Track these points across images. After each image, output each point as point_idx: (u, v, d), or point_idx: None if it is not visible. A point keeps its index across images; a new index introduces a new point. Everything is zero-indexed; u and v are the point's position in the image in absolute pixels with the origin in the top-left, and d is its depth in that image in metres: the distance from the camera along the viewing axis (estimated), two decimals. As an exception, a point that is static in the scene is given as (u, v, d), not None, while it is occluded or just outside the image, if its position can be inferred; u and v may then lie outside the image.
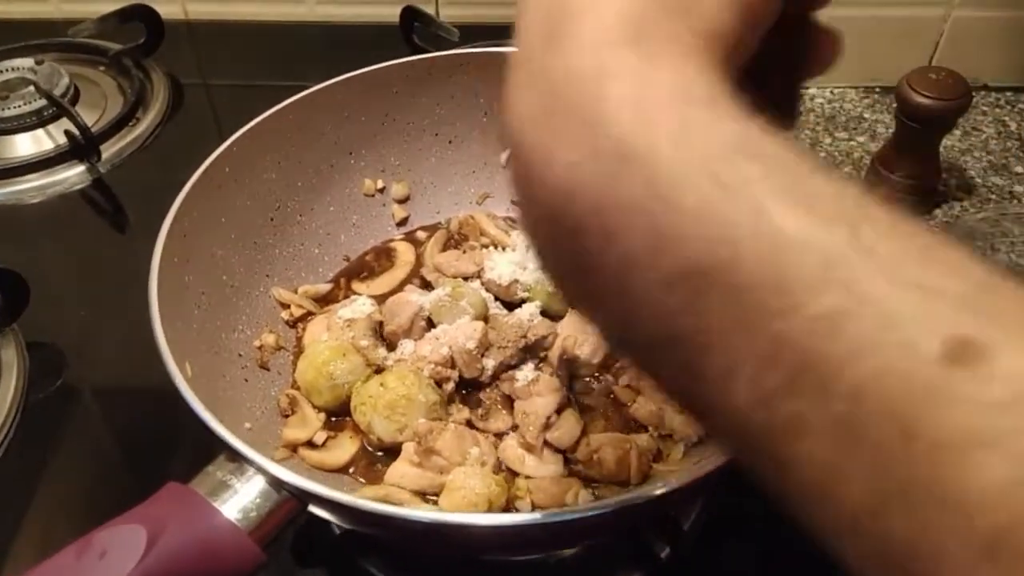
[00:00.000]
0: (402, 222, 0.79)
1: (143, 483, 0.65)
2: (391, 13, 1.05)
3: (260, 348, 0.66)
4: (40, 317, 0.75)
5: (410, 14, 1.02)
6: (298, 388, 0.64)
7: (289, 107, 0.69)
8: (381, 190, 0.78)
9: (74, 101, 1.00)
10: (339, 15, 1.15)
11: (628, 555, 0.59)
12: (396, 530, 0.47)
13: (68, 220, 0.91)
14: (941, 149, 0.90)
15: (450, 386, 0.63)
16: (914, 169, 0.89)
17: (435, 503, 0.56)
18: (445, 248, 0.76)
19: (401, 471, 0.58)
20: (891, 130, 0.90)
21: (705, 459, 0.43)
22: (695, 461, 0.57)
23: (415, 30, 1.02)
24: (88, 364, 0.76)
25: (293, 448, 0.61)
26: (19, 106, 0.96)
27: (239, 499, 0.44)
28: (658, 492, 0.42)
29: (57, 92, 0.97)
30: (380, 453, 0.61)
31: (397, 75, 0.74)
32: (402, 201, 0.79)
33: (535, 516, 0.42)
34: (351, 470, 0.61)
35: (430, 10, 1.09)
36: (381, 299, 0.70)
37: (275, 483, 0.45)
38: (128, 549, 0.40)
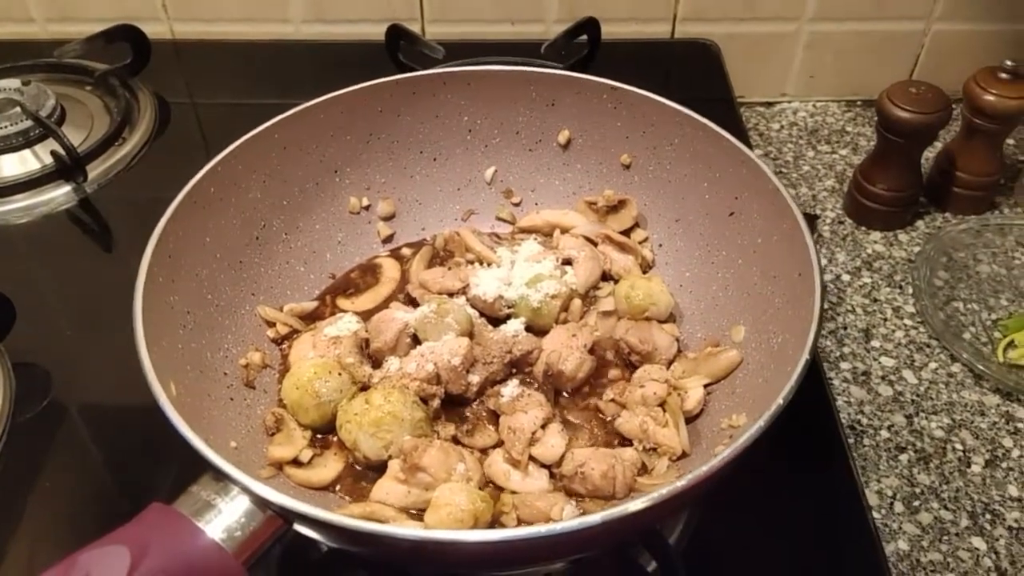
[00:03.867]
0: (387, 239, 0.79)
1: (130, 501, 0.66)
2: (377, 31, 1.05)
3: (246, 367, 0.66)
4: (26, 338, 0.75)
5: (396, 32, 1.03)
6: (284, 406, 0.64)
7: (274, 126, 0.70)
8: (367, 207, 0.78)
9: (60, 121, 1.00)
10: (325, 34, 1.16)
11: (615, 569, 0.59)
12: (382, 548, 0.47)
13: (54, 240, 0.91)
14: (922, 161, 0.91)
15: (436, 403, 0.63)
16: (896, 181, 0.89)
17: (421, 520, 0.56)
18: (430, 265, 0.76)
19: (386, 488, 0.58)
20: (873, 143, 0.92)
21: (690, 473, 0.44)
22: (679, 475, 0.57)
23: (401, 48, 1.03)
24: (74, 384, 0.76)
25: (279, 466, 0.61)
26: (5, 127, 0.96)
27: (223, 519, 0.44)
28: (643, 506, 0.42)
29: (43, 113, 0.98)
30: (366, 471, 0.61)
31: (381, 94, 0.74)
32: (387, 219, 0.79)
33: (520, 532, 0.42)
34: (336, 488, 0.61)
35: (416, 28, 1.09)
36: (366, 316, 0.71)
37: (260, 502, 0.45)
38: (111, 570, 0.40)
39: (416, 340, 0.67)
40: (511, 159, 0.79)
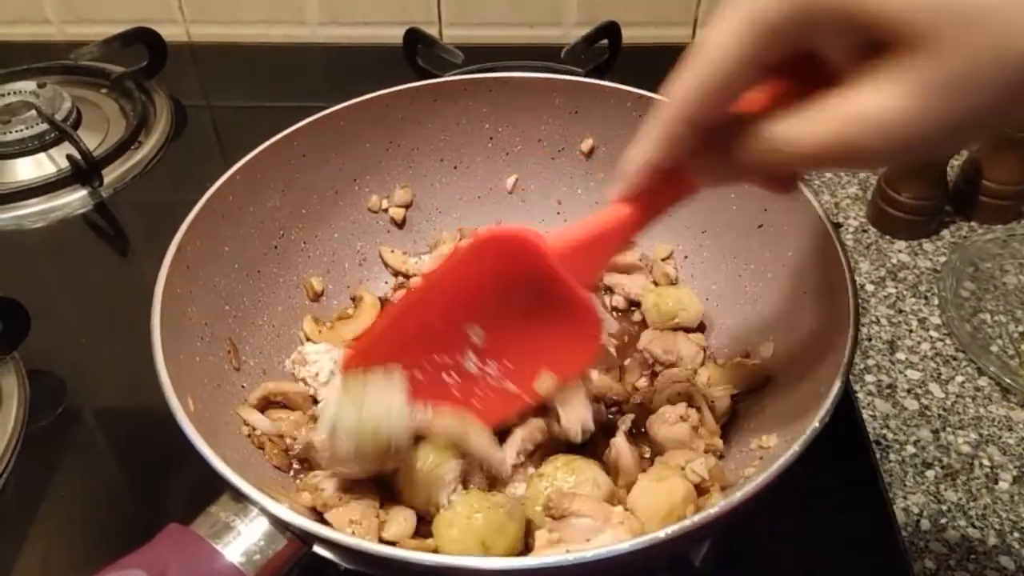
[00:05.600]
0: (400, 223, 0.78)
1: (145, 512, 0.65)
2: (394, 35, 1.05)
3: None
4: (41, 345, 0.75)
5: (413, 36, 1.02)
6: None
7: (293, 134, 0.69)
8: (386, 210, 0.77)
9: (76, 125, 1.00)
10: (341, 36, 1.15)
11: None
12: (402, 573, 0.46)
13: (70, 245, 0.90)
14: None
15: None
16: (921, 189, 0.88)
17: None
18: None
19: None
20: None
21: (723, 499, 0.43)
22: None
23: (419, 52, 1.02)
24: (89, 392, 0.75)
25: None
26: (21, 130, 0.96)
27: (242, 541, 0.44)
28: (674, 534, 0.41)
29: (59, 116, 0.97)
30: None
31: (402, 101, 0.73)
32: (400, 225, 0.79)
33: (546, 560, 0.41)
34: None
35: (433, 31, 1.08)
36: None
37: (279, 524, 0.44)
38: (129, 596, 0.39)
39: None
40: (533, 167, 0.78)
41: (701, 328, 0.71)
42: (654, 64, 1.08)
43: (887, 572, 0.61)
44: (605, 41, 1.01)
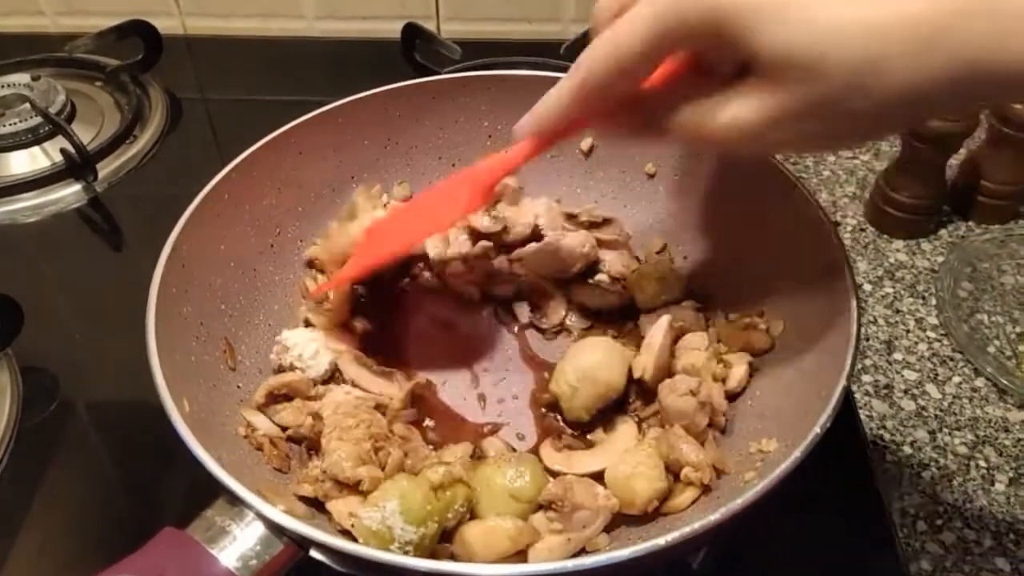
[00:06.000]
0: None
1: (139, 511, 0.65)
2: (392, 29, 1.04)
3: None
4: (34, 341, 0.74)
5: (411, 31, 1.01)
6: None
7: (290, 131, 0.68)
8: (385, 206, 0.76)
9: (70, 118, 0.99)
10: (339, 30, 1.14)
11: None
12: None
13: (64, 240, 0.89)
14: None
15: None
16: (920, 189, 0.88)
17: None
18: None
19: (548, 548, 0.53)
20: (896, 149, 0.90)
21: (723, 506, 0.42)
22: (707, 499, 0.56)
23: (416, 47, 1.02)
24: (83, 388, 0.75)
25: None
26: (14, 123, 0.95)
27: (238, 546, 0.43)
28: (674, 541, 0.41)
29: (53, 109, 0.96)
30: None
31: (400, 98, 0.73)
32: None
33: (543, 567, 0.40)
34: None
35: (431, 26, 1.08)
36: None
37: (275, 529, 0.44)
38: (124, 601, 0.39)
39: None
40: (531, 166, 0.77)
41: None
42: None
43: (883, 574, 0.60)
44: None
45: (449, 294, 0.72)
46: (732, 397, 0.62)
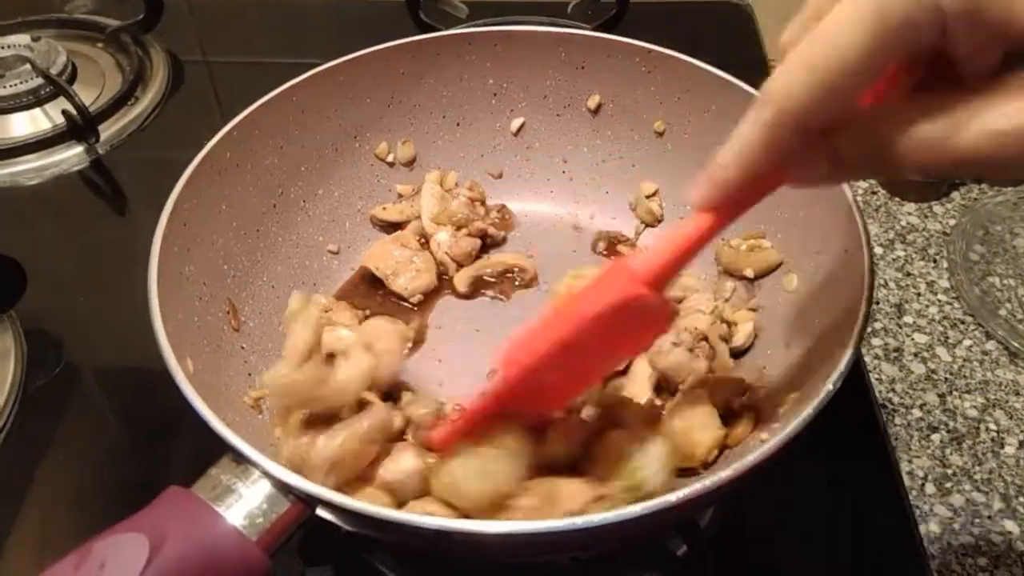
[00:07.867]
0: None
1: (144, 473, 0.65)
2: (397, -12, 1.02)
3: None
4: (38, 303, 0.74)
5: (416, -10, 1.00)
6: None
7: (291, 89, 0.67)
8: (391, 165, 0.76)
9: (72, 79, 0.98)
10: (343, -10, 1.12)
11: (645, 553, 0.58)
12: (408, 536, 0.45)
13: (66, 202, 0.89)
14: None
15: None
16: (933, 151, 0.86)
17: None
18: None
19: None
20: (909, 111, 0.88)
21: (736, 461, 0.42)
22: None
23: (421, 6, 1.00)
24: (87, 351, 0.74)
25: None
26: (15, 85, 0.94)
27: (244, 504, 0.43)
28: (684, 498, 0.40)
29: (54, 71, 0.95)
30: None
31: (403, 55, 0.71)
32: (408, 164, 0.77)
33: (553, 524, 0.40)
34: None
35: (437, -15, 1.06)
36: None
37: (282, 487, 0.43)
38: (129, 559, 0.39)
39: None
40: (538, 124, 0.76)
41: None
42: (663, 20, 1.08)
43: (892, 535, 0.60)
44: (612, -4, 0.99)
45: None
46: (738, 355, 0.62)
